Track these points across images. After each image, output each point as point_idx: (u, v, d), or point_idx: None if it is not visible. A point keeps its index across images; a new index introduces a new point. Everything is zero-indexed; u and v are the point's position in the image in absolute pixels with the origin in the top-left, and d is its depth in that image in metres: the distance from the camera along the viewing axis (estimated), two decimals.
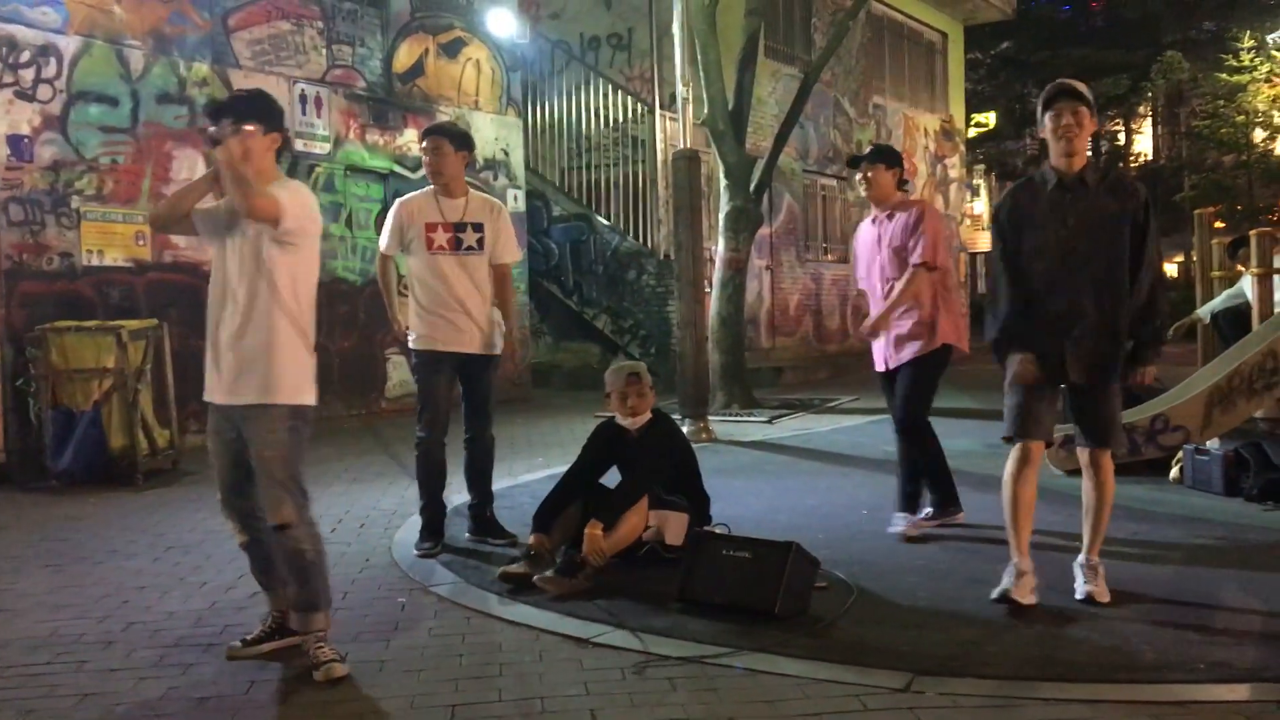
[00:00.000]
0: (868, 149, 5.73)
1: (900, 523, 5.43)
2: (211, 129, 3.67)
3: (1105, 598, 4.21)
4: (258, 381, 3.66)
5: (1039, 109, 4.42)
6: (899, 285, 5.40)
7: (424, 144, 5.39)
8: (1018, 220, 4.36)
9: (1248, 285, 8.63)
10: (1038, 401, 4.29)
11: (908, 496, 5.53)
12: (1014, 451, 4.35)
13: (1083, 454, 4.41)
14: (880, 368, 5.63)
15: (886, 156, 5.59)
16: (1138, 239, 4.25)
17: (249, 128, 3.64)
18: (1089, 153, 4.46)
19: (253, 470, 3.73)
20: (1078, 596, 4.24)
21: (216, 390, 3.75)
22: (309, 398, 3.78)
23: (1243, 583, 4.44)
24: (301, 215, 3.71)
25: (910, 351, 5.45)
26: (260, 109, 3.77)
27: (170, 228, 4.03)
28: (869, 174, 5.55)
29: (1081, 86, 4.33)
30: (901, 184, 5.62)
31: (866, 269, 5.69)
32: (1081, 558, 4.38)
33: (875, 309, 5.58)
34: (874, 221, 5.63)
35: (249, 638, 3.88)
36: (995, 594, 4.22)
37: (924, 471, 5.55)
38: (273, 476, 3.68)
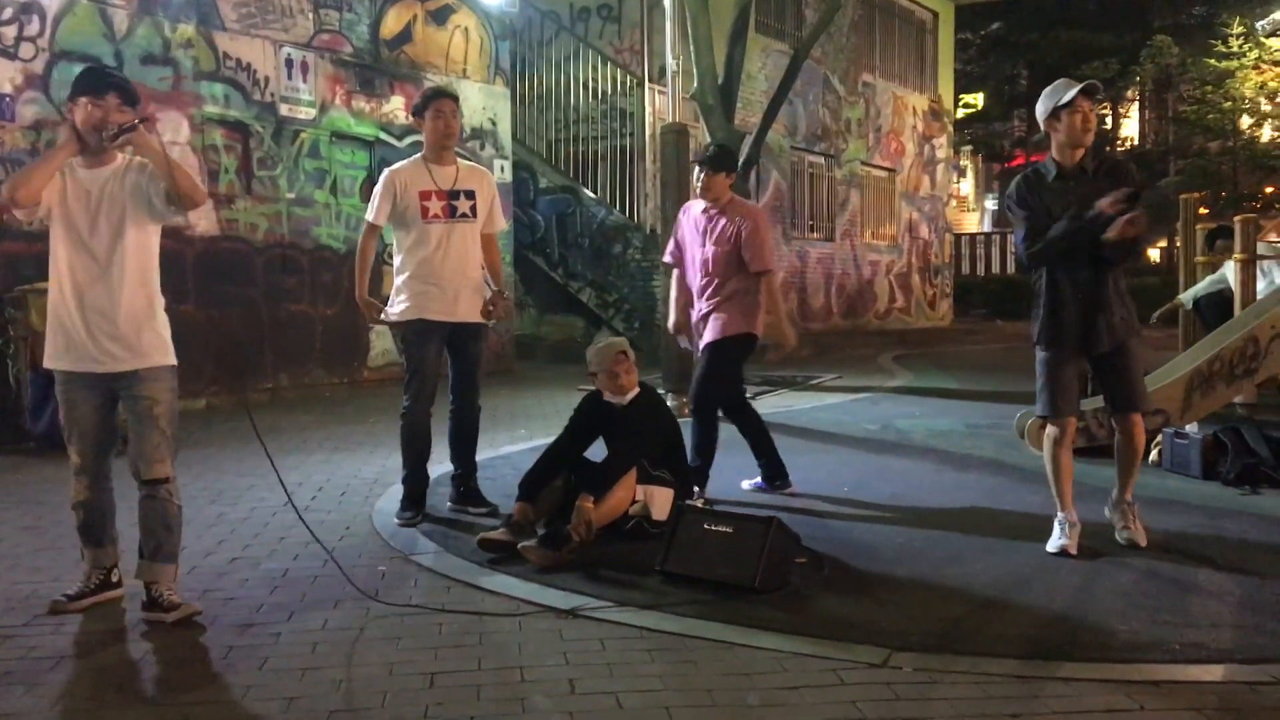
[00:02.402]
0: (710, 152, 5.94)
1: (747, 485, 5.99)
2: (109, 107, 3.83)
3: (1143, 541, 4.70)
4: (155, 344, 3.94)
5: (1050, 101, 4.63)
6: (765, 295, 5.80)
7: (435, 107, 5.31)
8: (1040, 202, 4.67)
9: (1230, 271, 8.69)
10: (1067, 380, 4.70)
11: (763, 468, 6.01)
12: (1053, 428, 4.73)
13: (1116, 420, 4.83)
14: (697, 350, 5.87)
15: (723, 163, 5.81)
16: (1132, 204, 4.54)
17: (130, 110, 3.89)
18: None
19: (114, 432, 4.04)
20: (1120, 541, 4.72)
21: (97, 358, 3.89)
22: (175, 358, 4.07)
23: (1218, 566, 4.48)
24: None
25: (713, 333, 5.73)
26: (136, 95, 4.02)
27: (28, 201, 3.86)
28: (707, 176, 5.75)
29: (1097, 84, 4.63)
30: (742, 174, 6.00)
31: (690, 252, 5.87)
32: (1115, 495, 4.86)
33: (686, 292, 5.91)
34: (705, 211, 5.81)
35: (72, 593, 4.01)
36: (1053, 547, 4.62)
37: (752, 447, 6.01)
38: (163, 432, 3.94)
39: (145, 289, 3.96)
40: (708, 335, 5.76)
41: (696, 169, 5.85)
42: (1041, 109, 4.71)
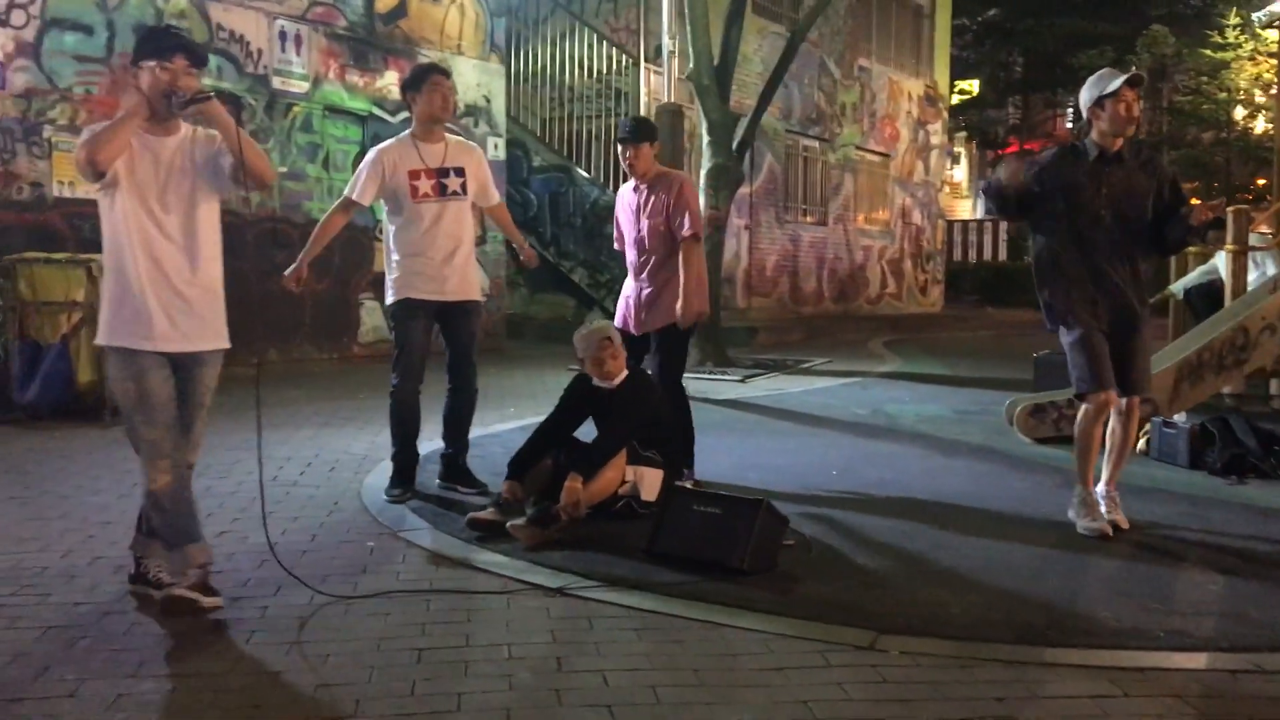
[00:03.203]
0: (629, 126, 5.73)
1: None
2: (188, 78, 3.62)
3: (1125, 524, 4.80)
4: (216, 328, 3.78)
5: (1096, 90, 4.70)
6: (684, 266, 5.49)
7: (431, 81, 5.24)
8: (1056, 180, 4.74)
9: (1221, 262, 8.71)
10: (1102, 351, 4.71)
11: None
12: (1091, 403, 4.75)
13: (1119, 401, 4.84)
14: (635, 331, 5.63)
15: (645, 134, 5.69)
16: (1173, 196, 4.75)
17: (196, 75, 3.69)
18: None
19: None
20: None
21: (168, 335, 3.68)
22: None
23: (1203, 555, 4.51)
24: None
25: (664, 318, 5.56)
26: (202, 54, 3.78)
27: (104, 168, 3.57)
28: (631, 152, 5.62)
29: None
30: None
31: (628, 234, 5.79)
32: (1102, 488, 4.91)
33: (631, 276, 5.74)
34: (635, 190, 5.74)
35: (177, 583, 3.66)
36: (1088, 530, 4.71)
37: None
38: (204, 419, 3.87)
39: (212, 263, 3.78)
40: (661, 318, 5.58)
41: (620, 147, 5.68)
42: (1086, 97, 4.79)
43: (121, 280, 3.67)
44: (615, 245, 5.99)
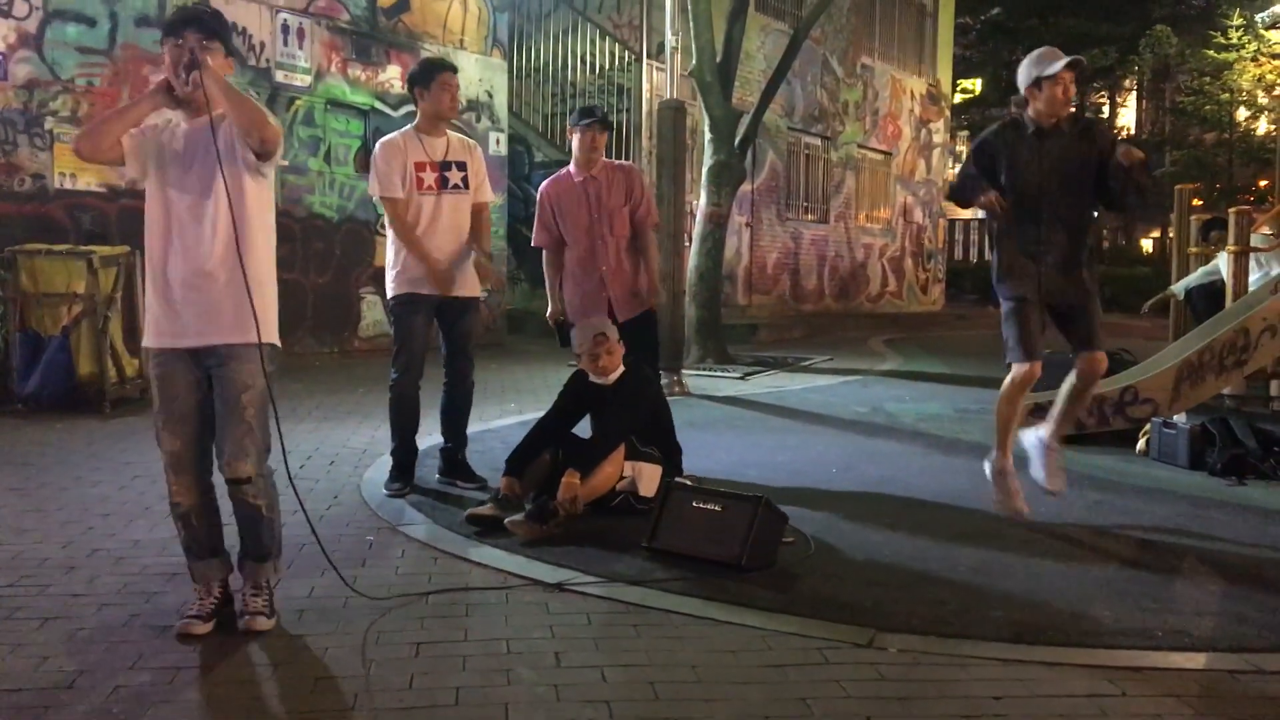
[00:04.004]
0: (598, 112, 5.76)
1: None
2: (191, 45, 3.36)
3: (1061, 487, 4.98)
4: (240, 319, 3.42)
5: (1035, 70, 4.73)
6: (651, 251, 5.75)
7: (441, 80, 5.23)
8: (993, 158, 4.82)
9: (1223, 262, 8.70)
10: (1033, 325, 4.80)
11: None
12: (1019, 371, 4.84)
13: (1078, 359, 4.90)
14: (622, 319, 5.60)
15: (608, 121, 5.83)
16: (1111, 166, 4.69)
17: (213, 47, 3.41)
18: None
19: (210, 418, 3.48)
20: (1035, 478, 5.00)
21: (186, 333, 3.43)
22: (277, 338, 3.59)
23: (1202, 555, 4.50)
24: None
25: (642, 304, 5.71)
26: (224, 28, 3.52)
27: (99, 156, 3.43)
28: (598, 138, 5.67)
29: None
30: None
31: (573, 225, 5.70)
32: (1046, 436, 5.03)
33: (589, 266, 5.67)
34: (582, 180, 5.68)
35: (194, 613, 3.47)
36: (997, 508, 4.93)
37: None
38: (248, 423, 3.43)
39: (248, 253, 3.43)
40: (633, 307, 5.65)
41: (582, 133, 5.61)
42: (1023, 75, 4.79)
43: (150, 273, 3.48)
44: (538, 241, 5.84)
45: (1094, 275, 4.92)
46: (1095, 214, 4.92)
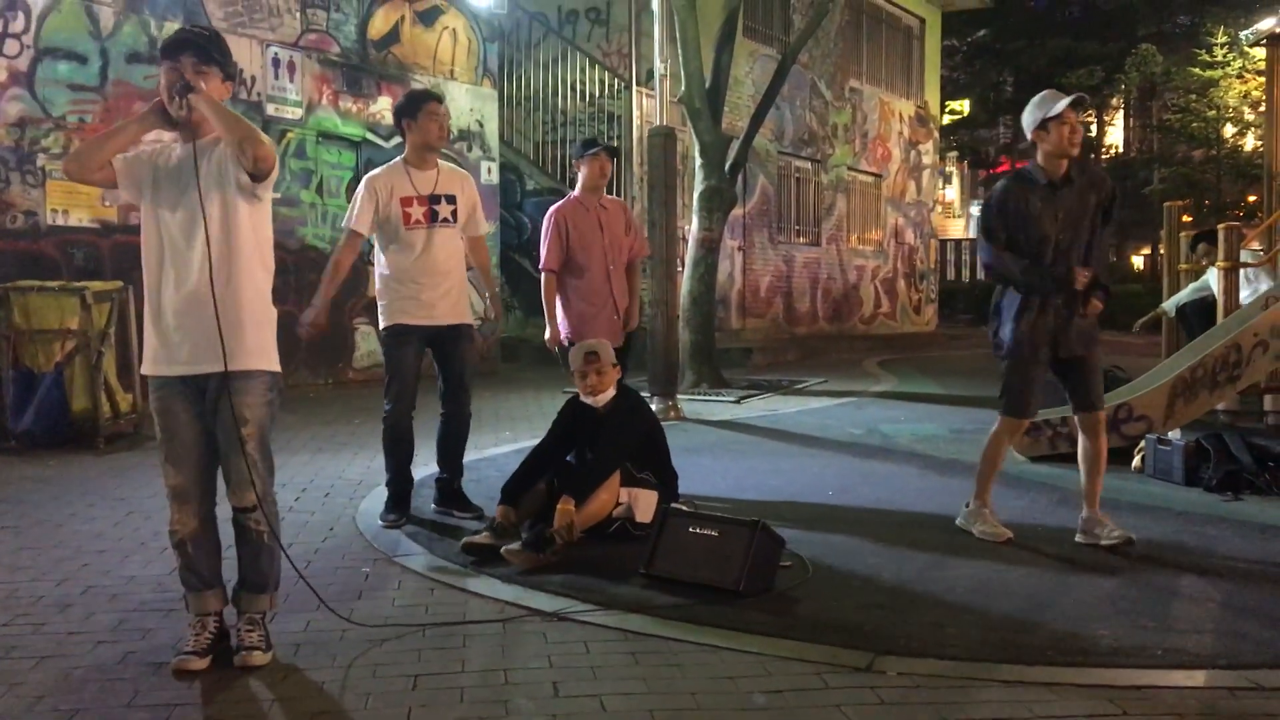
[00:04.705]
0: (603, 143, 6.24)
1: None
2: (184, 68, 3.33)
3: (1131, 535, 4.75)
4: (239, 346, 3.40)
5: (1039, 112, 4.69)
6: (637, 279, 6.24)
7: (429, 109, 5.26)
8: (1010, 217, 4.79)
9: (1213, 278, 8.74)
10: (1035, 383, 4.88)
11: None
12: (1006, 423, 5.01)
13: (1081, 420, 4.94)
14: (618, 343, 5.97)
15: (614, 148, 6.24)
16: (1104, 220, 4.82)
17: (209, 71, 3.39)
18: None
19: (214, 448, 3.48)
20: (1107, 544, 4.73)
21: (181, 360, 3.41)
22: (278, 364, 3.60)
23: (1200, 572, 4.50)
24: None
25: (628, 329, 6.19)
26: (222, 51, 3.48)
27: (88, 176, 3.42)
28: (606, 166, 6.06)
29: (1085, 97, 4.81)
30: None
31: (586, 249, 6.01)
32: (1085, 513, 4.91)
33: (595, 289, 6.01)
34: (588, 206, 6.06)
35: (191, 648, 3.44)
36: (981, 534, 4.93)
37: None
38: (249, 454, 3.42)
39: (245, 280, 3.42)
40: (623, 331, 6.09)
41: (590, 161, 6.02)
42: (1029, 120, 4.75)
43: (148, 301, 3.45)
44: (552, 263, 6.03)
45: (1095, 329, 4.92)
46: (1103, 260, 4.91)
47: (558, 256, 6.01)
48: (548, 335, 6.12)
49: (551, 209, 6.14)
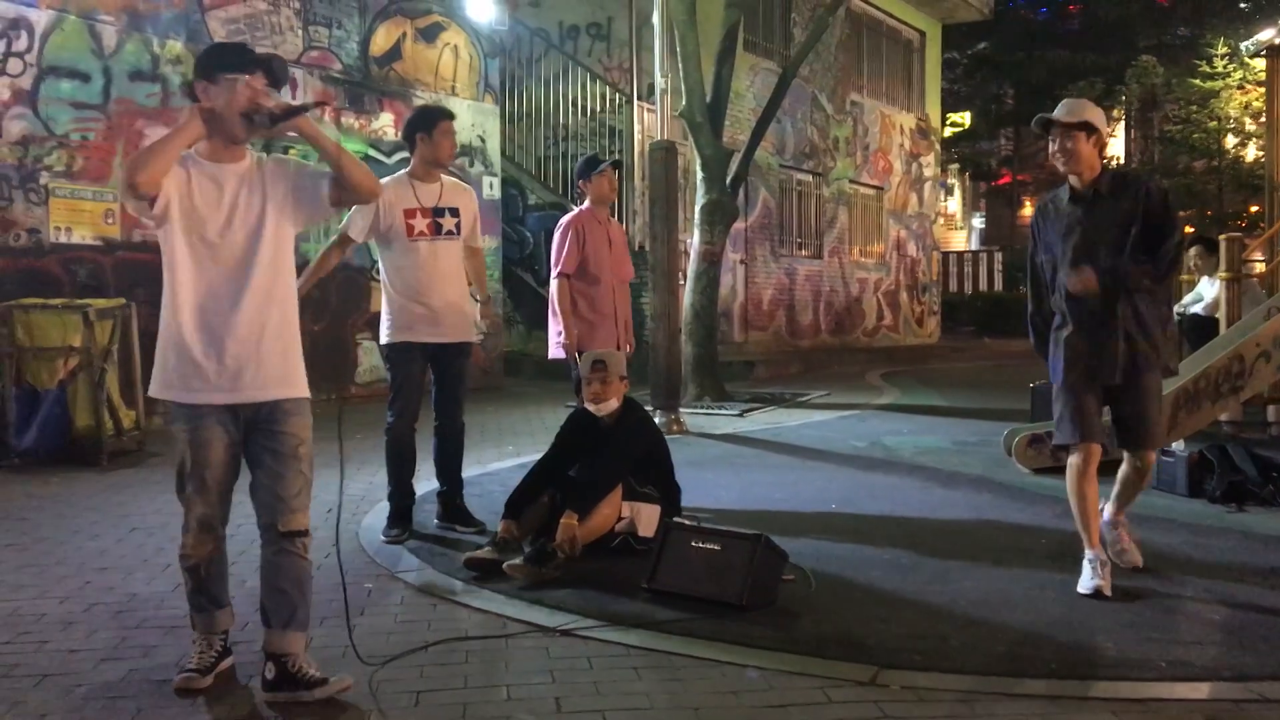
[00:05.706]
0: (597, 160, 6.35)
1: None
2: (265, 97, 3.25)
3: (1139, 560, 4.68)
4: (294, 372, 3.40)
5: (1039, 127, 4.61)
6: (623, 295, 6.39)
7: (443, 127, 5.36)
8: (1041, 235, 4.66)
9: (1204, 287, 8.75)
10: (1087, 405, 4.43)
11: None
12: (1076, 456, 4.46)
13: (1128, 455, 4.64)
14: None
15: (619, 162, 6.43)
16: (1154, 225, 4.38)
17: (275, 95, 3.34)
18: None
19: (238, 474, 3.44)
20: (1116, 563, 4.57)
21: (230, 387, 3.31)
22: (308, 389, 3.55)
23: (1204, 584, 4.49)
24: None
25: (628, 338, 6.41)
26: (285, 81, 3.40)
27: (155, 186, 3.15)
28: (612, 180, 6.26)
29: (1080, 110, 4.49)
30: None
31: (598, 260, 6.18)
32: (1108, 513, 4.74)
33: (601, 301, 6.19)
34: (598, 219, 6.27)
35: (194, 666, 3.42)
36: (1086, 589, 4.29)
37: None
38: (305, 475, 3.43)
39: (285, 305, 3.39)
40: (619, 341, 6.25)
41: (598, 177, 6.18)
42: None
43: (171, 324, 3.30)
44: (570, 267, 6.13)
45: (1157, 351, 4.45)
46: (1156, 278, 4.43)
47: (576, 261, 6.10)
48: (564, 339, 6.11)
49: (565, 219, 6.24)
